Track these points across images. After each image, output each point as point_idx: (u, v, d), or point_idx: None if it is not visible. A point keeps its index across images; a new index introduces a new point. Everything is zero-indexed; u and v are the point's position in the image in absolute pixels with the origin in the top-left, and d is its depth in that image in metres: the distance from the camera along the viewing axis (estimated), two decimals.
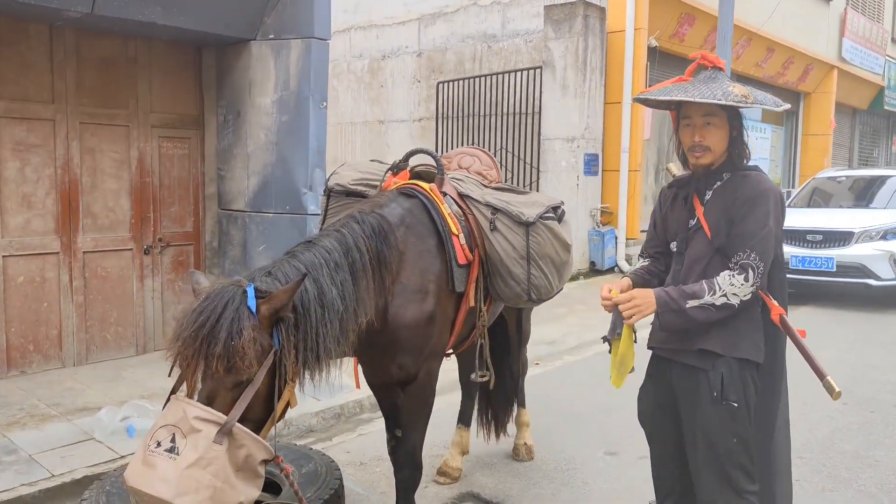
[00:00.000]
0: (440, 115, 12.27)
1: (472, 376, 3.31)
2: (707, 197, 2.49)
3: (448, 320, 2.97)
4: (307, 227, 5.47)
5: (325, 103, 5.51)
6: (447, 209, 3.00)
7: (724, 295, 2.32)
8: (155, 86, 5.81)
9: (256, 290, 2.18)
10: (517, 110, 11.06)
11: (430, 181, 3.13)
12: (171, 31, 5.19)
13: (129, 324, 5.79)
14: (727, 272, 2.34)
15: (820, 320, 8.09)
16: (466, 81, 11.85)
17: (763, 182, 2.39)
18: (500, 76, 11.25)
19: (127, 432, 4.12)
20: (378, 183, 3.32)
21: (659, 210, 2.73)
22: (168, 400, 2.16)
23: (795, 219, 8.84)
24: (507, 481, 3.87)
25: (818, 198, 10.73)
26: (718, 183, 2.47)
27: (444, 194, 3.07)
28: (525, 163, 10.95)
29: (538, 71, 10.70)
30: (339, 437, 4.55)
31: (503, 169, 11.13)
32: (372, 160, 3.72)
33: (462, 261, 2.96)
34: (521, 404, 4.14)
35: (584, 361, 6.34)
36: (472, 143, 11.64)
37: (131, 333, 5.82)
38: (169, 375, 2.22)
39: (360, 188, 3.33)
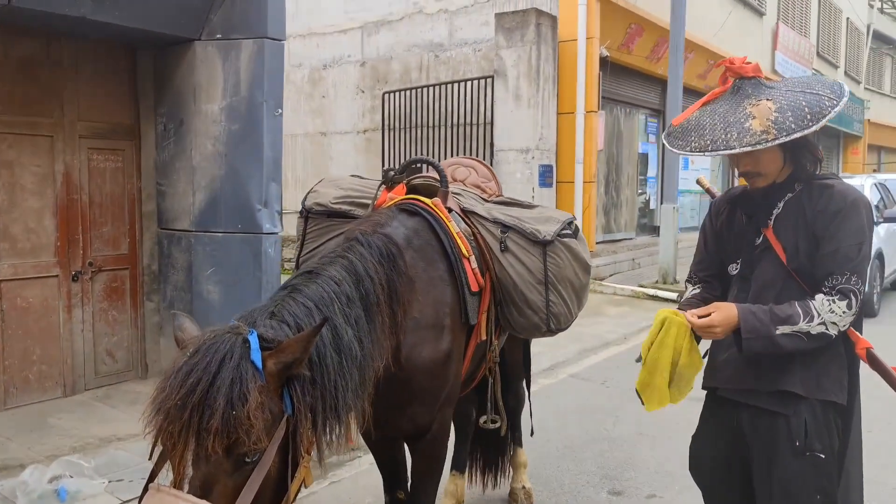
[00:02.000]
0: (387, 127, 11.81)
1: (482, 420, 2.86)
2: (777, 211, 2.12)
3: (462, 359, 2.51)
4: (262, 248, 4.92)
5: (280, 110, 4.98)
6: (455, 228, 2.55)
7: (823, 323, 1.94)
8: (83, 92, 5.15)
9: (261, 338, 1.68)
10: (468, 121, 10.70)
11: (430, 196, 2.67)
12: (103, 28, 4.57)
13: (55, 361, 5.08)
14: (823, 297, 1.97)
15: None
16: (414, 91, 11.43)
17: (851, 191, 2.04)
18: (449, 86, 10.87)
19: (58, 496, 3.48)
20: (365, 200, 2.85)
21: (711, 226, 2.35)
22: (145, 490, 1.62)
23: None
24: None
25: None
26: (790, 195, 2.11)
27: (450, 210, 2.62)
28: None
29: (490, 80, 10.37)
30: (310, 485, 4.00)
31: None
32: (353, 175, 3.24)
33: (475, 287, 2.51)
34: (518, 443, 3.71)
35: (560, 385, 5.96)
36: (422, 155, 11.21)
37: (58, 372, 5.11)
38: (150, 458, 1.67)
39: (343, 207, 2.86)
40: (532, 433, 3.45)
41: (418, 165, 3.06)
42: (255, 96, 4.87)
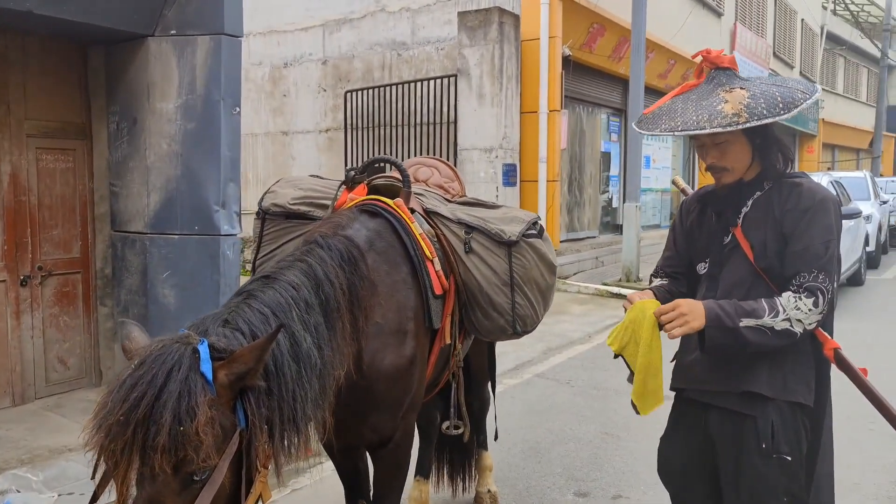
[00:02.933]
0: (349, 126, 11.69)
1: (444, 426, 2.80)
2: (746, 210, 2.10)
3: (426, 364, 2.44)
4: (220, 250, 4.78)
5: (238, 109, 4.85)
6: (418, 229, 2.48)
7: (788, 319, 1.92)
8: (31, 89, 4.96)
9: (212, 348, 1.58)
10: (431, 120, 10.65)
11: (392, 196, 2.60)
12: (52, 23, 4.39)
13: (2, 369, 4.88)
14: (791, 294, 1.94)
15: None
16: (376, 90, 11.33)
17: (820, 190, 2.02)
18: (412, 84, 10.80)
19: None
20: (324, 201, 2.77)
21: (681, 225, 2.32)
22: None
23: None
24: None
25: None
26: (759, 193, 2.09)
27: (413, 211, 2.55)
28: None
29: (453, 79, 10.32)
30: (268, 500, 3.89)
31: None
32: (312, 175, 3.14)
33: (438, 291, 2.45)
34: (483, 446, 3.65)
35: (525, 385, 5.93)
36: (385, 154, 11.11)
37: (6, 380, 4.90)
38: (92, 478, 1.56)
39: (302, 208, 2.76)
40: (496, 437, 3.39)
41: (380, 165, 2.99)
42: (212, 94, 4.73)
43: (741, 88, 1.96)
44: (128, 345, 1.66)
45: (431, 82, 10.57)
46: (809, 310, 1.93)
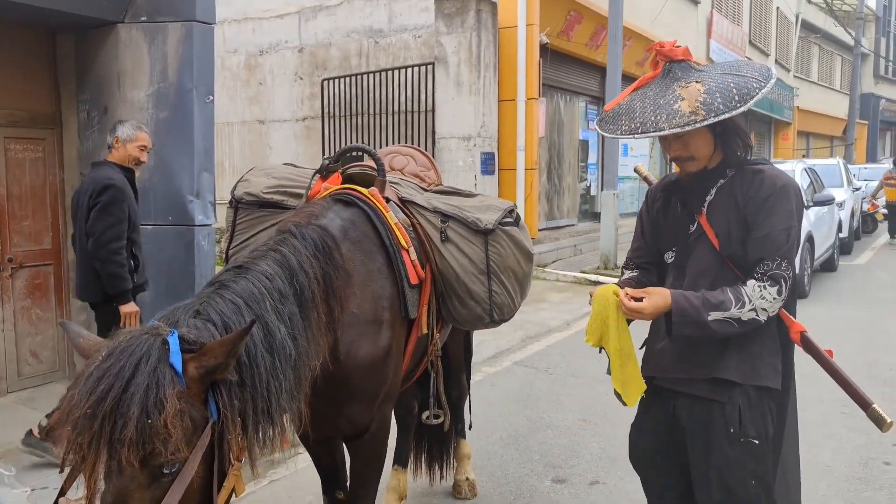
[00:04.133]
0: (326, 114, 11.59)
1: (425, 416, 2.80)
2: (710, 198, 2.11)
3: (402, 354, 2.43)
4: (195, 241, 4.73)
5: (211, 97, 4.79)
6: (393, 218, 2.46)
7: (754, 309, 1.94)
8: None
9: (182, 339, 1.55)
10: (409, 108, 10.58)
11: (367, 185, 2.58)
12: (20, 9, 4.29)
13: None
14: (755, 282, 1.96)
15: None
16: (353, 78, 11.24)
17: (781, 177, 2.04)
18: (390, 72, 10.72)
19: None
20: (298, 190, 2.74)
21: (647, 214, 2.33)
22: None
23: None
24: None
25: None
26: (722, 181, 2.10)
27: (388, 200, 2.54)
28: None
29: (430, 67, 10.26)
30: (248, 487, 3.87)
31: None
32: (286, 164, 3.11)
33: (414, 280, 2.44)
34: (461, 434, 3.66)
35: (504, 373, 5.95)
36: (364, 142, 11.06)
37: None
38: (60, 472, 1.54)
39: (276, 197, 2.74)
40: (470, 427, 3.40)
41: (356, 154, 2.96)
42: (185, 82, 4.67)
43: (696, 82, 1.96)
44: (82, 342, 1.61)
45: (409, 70, 10.50)
46: (774, 298, 1.95)
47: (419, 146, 10.47)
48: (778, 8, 23.42)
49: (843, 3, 28.62)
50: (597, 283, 9.77)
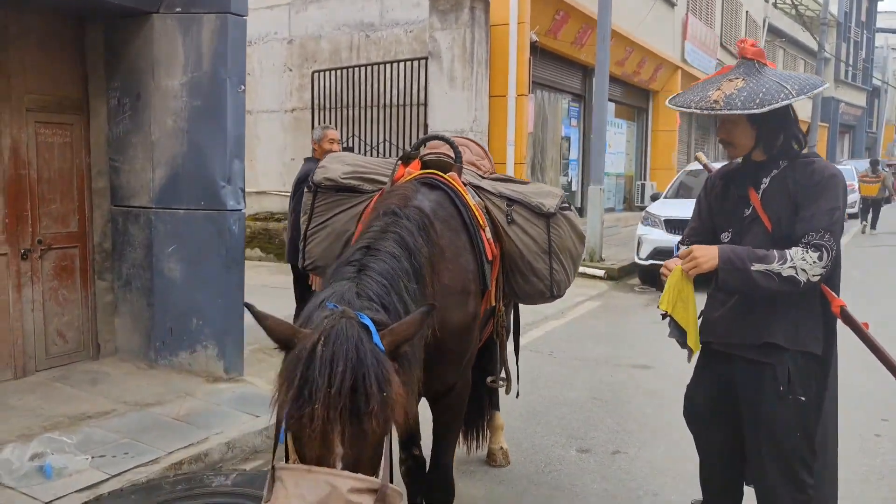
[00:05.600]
0: (316, 106, 11.71)
1: (490, 380, 3.07)
2: (764, 185, 2.40)
3: (481, 322, 2.69)
4: (227, 225, 4.91)
5: (243, 87, 4.98)
6: (472, 200, 2.72)
7: (794, 268, 2.21)
8: (29, 64, 4.95)
9: (374, 322, 1.75)
10: (401, 102, 10.78)
11: (443, 171, 2.82)
12: None
13: (4, 342, 4.91)
14: (799, 248, 2.25)
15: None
16: (345, 71, 11.38)
17: (830, 167, 2.34)
18: (382, 66, 10.90)
19: (44, 473, 3.43)
20: (371, 176, 2.98)
21: (705, 199, 2.62)
22: (272, 470, 1.64)
23: (678, 209, 9.30)
24: (495, 490, 3.64)
25: (683, 190, 11.39)
26: (776, 171, 2.39)
27: (465, 184, 2.79)
28: None
29: (424, 62, 10.48)
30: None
31: None
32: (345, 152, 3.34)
33: (490, 256, 2.70)
34: (496, 407, 3.93)
35: (510, 356, 6.21)
36: (354, 136, 11.24)
37: (7, 353, 4.93)
38: (283, 442, 1.67)
39: (352, 182, 2.96)
40: (517, 395, 3.66)
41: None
42: (219, 72, 4.84)
43: (742, 79, 2.27)
44: (270, 323, 1.73)
45: (402, 64, 10.70)
46: (814, 262, 2.21)
47: (411, 140, 10.71)
48: (747, 12, 24.12)
49: (807, 8, 29.56)
50: (584, 274, 10.12)
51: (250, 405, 4.53)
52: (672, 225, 9.33)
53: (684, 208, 9.90)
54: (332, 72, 11.54)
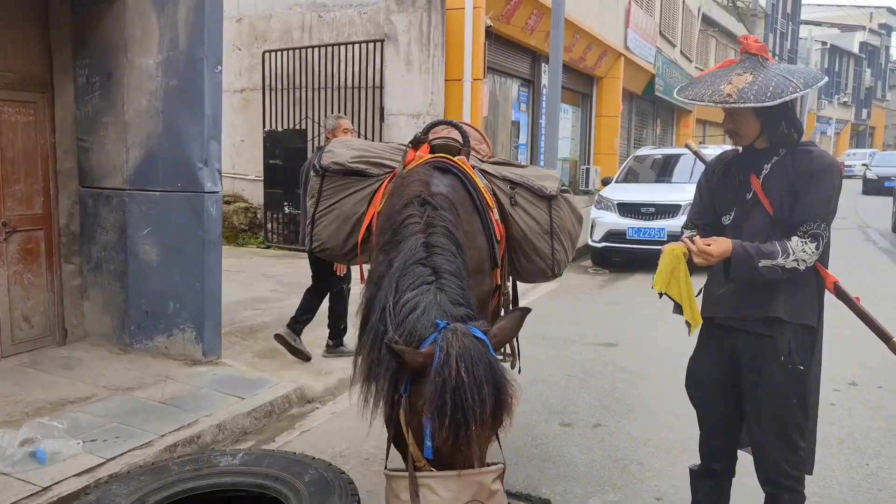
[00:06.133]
0: (267, 87, 11.54)
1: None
2: (765, 171, 2.58)
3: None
4: (204, 207, 4.87)
5: (220, 67, 4.91)
6: (481, 183, 2.82)
7: (796, 260, 2.41)
8: None
9: (483, 332, 2.00)
10: (356, 84, 10.73)
11: (451, 155, 2.91)
12: None
13: None
14: (798, 238, 2.44)
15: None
16: (296, 51, 11.25)
17: (827, 157, 2.53)
18: (337, 48, 10.82)
19: (37, 459, 3.38)
20: (377, 160, 3.04)
21: (706, 184, 2.77)
22: (412, 479, 1.91)
23: (630, 193, 9.61)
24: None
25: (631, 176, 11.75)
26: (776, 158, 2.57)
27: (474, 167, 2.88)
28: (367, 139, 10.68)
29: (379, 45, 10.45)
30: (281, 437, 4.13)
31: None
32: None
33: (498, 236, 2.81)
34: None
35: None
36: (307, 117, 11.14)
37: None
38: (430, 458, 1.90)
39: (360, 166, 3.02)
40: (520, 371, 3.78)
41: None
42: (195, 52, 4.77)
43: (751, 74, 2.43)
44: (409, 355, 1.92)
45: (357, 46, 10.64)
46: (812, 252, 2.44)
47: (367, 122, 10.70)
48: (684, 2, 24.77)
49: None
50: None
51: (233, 387, 4.54)
52: (625, 208, 9.64)
53: (635, 192, 10.25)
54: (284, 52, 11.38)
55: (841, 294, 2.56)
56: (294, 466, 3.01)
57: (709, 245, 2.45)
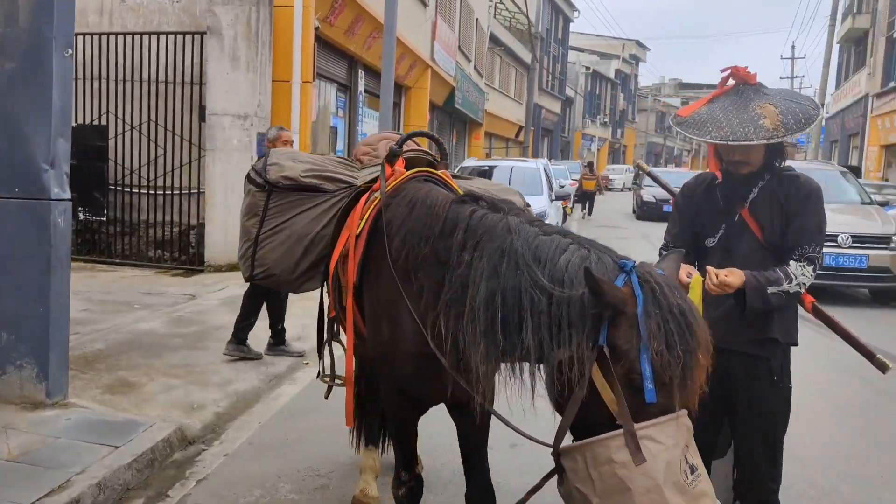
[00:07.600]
0: None
1: None
2: (753, 196, 2.64)
3: None
4: (50, 218, 4.05)
5: (70, 50, 4.13)
6: None
7: (798, 284, 2.51)
8: None
9: None
10: (169, 78, 9.74)
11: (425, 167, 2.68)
12: None
13: None
14: (796, 263, 2.53)
15: None
16: (94, 37, 9.95)
17: (813, 181, 2.65)
18: (146, 37, 9.74)
19: None
20: (327, 174, 2.75)
21: (685, 206, 2.78)
22: (631, 434, 1.76)
23: None
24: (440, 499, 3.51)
25: None
26: (762, 182, 2.64)
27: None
28: (184, 139, 9.72)
29: (200, 37, 9.59)
30: (175, 491, 3.52)
31: (154, 145, 9.73)
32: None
33: None
34: None
35: None
36: (108, 112, 9.92)
37: None
38: (651, 400, 1.82)
39: (314, 181, 2.70)
40: None
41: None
42: (42, 30, 3.97)
43: (770, 105, 2.48)
44: (608, 287, 1.83)
45: (171, 37, 9.67)
46: (811, 275, 2.55)
47: (184, 122, 9.74)
48: (477, 19, 25.95)
49: (518, 21, 32.71)
50: None
51: (98, 434, 3.81)
52: None
53: None
54: (78, 37, 10.00)
55: (819, 314, 2.70)
56: None
57: (727, 276, 2.46)
